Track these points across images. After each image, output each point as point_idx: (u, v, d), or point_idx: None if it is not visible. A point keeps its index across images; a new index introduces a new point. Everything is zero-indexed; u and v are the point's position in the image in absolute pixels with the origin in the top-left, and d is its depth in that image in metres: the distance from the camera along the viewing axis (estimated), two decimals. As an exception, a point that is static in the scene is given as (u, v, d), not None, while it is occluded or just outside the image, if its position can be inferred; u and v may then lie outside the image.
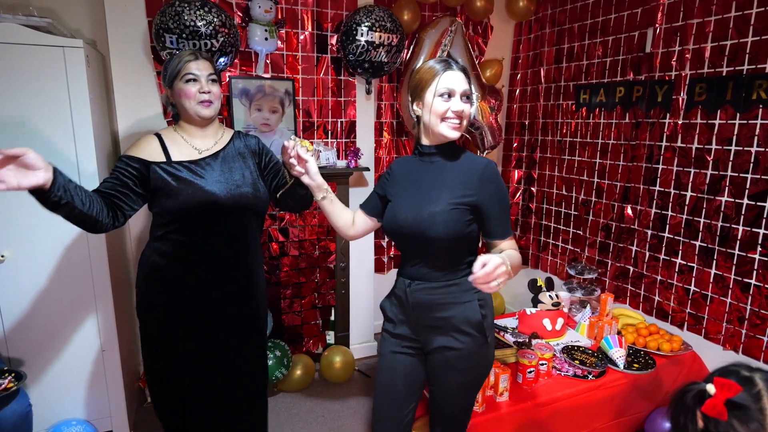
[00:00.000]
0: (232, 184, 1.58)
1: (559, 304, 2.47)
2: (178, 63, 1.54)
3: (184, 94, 1.53)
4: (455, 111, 1.34)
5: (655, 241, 2.41)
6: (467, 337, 1.39)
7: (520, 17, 3.07)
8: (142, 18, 2.20)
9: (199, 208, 1.52)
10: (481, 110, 2.84)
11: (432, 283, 1.40)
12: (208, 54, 1.62)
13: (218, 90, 1.59)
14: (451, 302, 1.39)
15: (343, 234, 1.58)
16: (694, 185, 2.21)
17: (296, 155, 1.44)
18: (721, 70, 2.07)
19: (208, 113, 1.56)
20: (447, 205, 1.34)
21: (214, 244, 1.58)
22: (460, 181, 1.36)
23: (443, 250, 1.38)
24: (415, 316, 1.43)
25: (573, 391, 1.92)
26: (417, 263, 1.42)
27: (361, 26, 2.41)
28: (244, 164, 1.65)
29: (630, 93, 2.47)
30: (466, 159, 1.41)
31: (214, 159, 1.60)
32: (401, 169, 1.50)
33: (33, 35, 1.82)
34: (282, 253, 2.71)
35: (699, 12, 2.14)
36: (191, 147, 1.60)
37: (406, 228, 1.38)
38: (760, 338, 2.01)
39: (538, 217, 3.17)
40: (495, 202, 1.36)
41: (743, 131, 2.01)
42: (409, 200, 1.41)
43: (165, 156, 1.55)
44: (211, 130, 1.65)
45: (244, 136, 1.72)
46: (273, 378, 2.50)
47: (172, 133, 1.62)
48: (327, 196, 1.51)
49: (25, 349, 1.96)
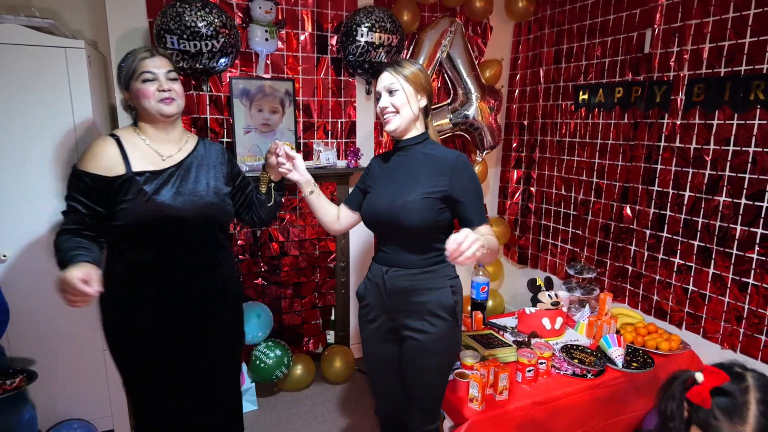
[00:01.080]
0: (195, 195, 1.48)
1: (558, 303, 2.48)
2: (133, 61, 1.42)
3: (142, 93, 1.41)
4: (380, 108, 1.50)
5: (653, 240, 2.42)
6: (440, 320, 1.48)
7: (519, 18, 3.08)
8: (143, 19, 2.21)
9: (159, 223, 1.41)
10: (480, 110, 2.85)
11: (408, 269, 1.49)
12: (166, 50, 1.52)
13: (180, 88, 1.47)
14: (425, 288, 1.48)
15: (329, 228, 1.67)
16: (693, 185, 2.22)
17: (284, 154, 1.54)
18: (719, 71, 2.08)
19: (171, 110, 1.45)
20: (420, 195, 1.43)
21: (177, 259, 1.47)
22: (432, 172, 1.46)
23: (417, 237, 1.47)
24: (391, 301, 1.52)
25: (572, 389, 1.93)
26: (393, 250, 1.51)
27: (361, 27, 2.41)
28: (209, 173, 1.55)
29: (629, 93, 2.48)
30: (437, 152, 1.51)
31: (176, 169, 1.48)
32: (378, 164, 1.62)
33: (35, 36, 1.83)
34: (282, 252, 2.72)
35: (697, 13, 2.15)
36: (154, 152, 1.47)
37: (381, 216, 1.49)
38: (758, 337, 2.02)
39: (537, 217, 3.18)
40: (468, 191, 1.46)
41: (741, 131, 2.03)
42: (385, 190, 1.52)
43: (125, 164, 1.42)
44: (176, 134, 1.53)
45: (209, 144, 1.62)
46: (273, 377, 2.51)
47: (132, 136, 1.48)
48: (315, 191, 1.60)
49: (27, 349, 1.97)
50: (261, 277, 2.71)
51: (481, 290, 2.46)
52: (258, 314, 2.48)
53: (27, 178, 1.88)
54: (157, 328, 1.48)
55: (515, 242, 3.35)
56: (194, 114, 2.39)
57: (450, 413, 1.86)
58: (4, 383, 1.57)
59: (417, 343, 1.50)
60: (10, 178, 1.86)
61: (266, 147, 2.53)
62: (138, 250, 1.44)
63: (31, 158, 1.87)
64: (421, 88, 1.50)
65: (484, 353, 2.04)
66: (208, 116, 2.42)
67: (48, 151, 1.90)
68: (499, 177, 3.40)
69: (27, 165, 1.87)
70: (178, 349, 1.52)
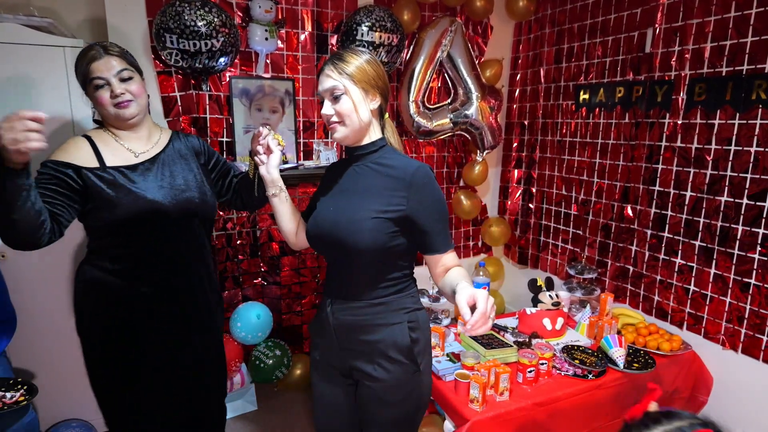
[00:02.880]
0: (176, 189, 1.44)
1: (558, 303, 2.47)
2: (82, 66, 1.36)
3: (97, 101, 1.38)
4: (323, 116, 1.26)
5: (654, 240, 2.41)
6: (395, 365, 1.23)
7: (519, 17, 3.07)
8: (142, 18, 2.20)
9: (140, 218, 1.37)
10: (480, 110, 2.85)
11: (355, 302, 1.25)
12: (117, 46, 1.42)
13: (136, 86, 1.39)
14: (377, 324, 1.24)
15: (288, 240, 1.46)
16: (694, 185, 2.22)
17: (266, 144, 1.36)
18: (721, 70, 2.08)
19: (129, 113, 1.39)
20: (369, 213, 1.19)
21: (159, 256, 1.44)
22: (386, 187, 1.22)
23: (366, 263, 1.23)
24: (338, 340, 1.29)
25: (573, 390, 1.93)
26: (339, 278, 1.28)
27: (361, 26, 2.41)
28: (187, 167, 1.51)
29: (630, 93, 2.48)
30: (395, 162, 1.25)
31: (152, 163, 1.45)
32: (331, 173, 1.40)
33: (34, 35, 1.82)
34: (282, 252, 2.71)
35: (699, 12, 2.14)
36: (126, 150, 1.44)
37: (325, 236, 1.26)
38: (759, 337, 2.02)
39: (537, 217, 3.17)
40: (429, 212, 1.21)
41: (743, 131, 2.02)
42: (331, 204, 1.29)
43: (98, 161, 1.38)
44: (144, 130, 1.48)
45: (184, 136, 1.58)
46: (273, 377, 2.50)
47: (103, 135, 1.44)
48: (279, 195, 1.39)
49: (26, 348, 1.96)
50: (261, 277, 2.71)
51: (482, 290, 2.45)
52: (258, 314, 2.47)
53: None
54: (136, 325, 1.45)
55: (516, 242, 3.34)
56: (194, 114, 2.38)
57: (451, 414, 1.86)
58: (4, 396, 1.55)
59: (368, 390, 1.27)
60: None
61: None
62: (117, 247, 1.41)
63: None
64: (373, 87, 1.23)
65: (485, 354, 2.03)
66: (208, 116, 2.41)
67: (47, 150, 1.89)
68: (499, 177, 3.39)
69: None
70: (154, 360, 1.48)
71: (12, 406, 1.51)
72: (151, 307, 1.46)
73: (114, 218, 1.35)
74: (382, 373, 1.24)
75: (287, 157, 2.55)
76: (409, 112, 2.77)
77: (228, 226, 2.55)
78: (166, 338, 1.50)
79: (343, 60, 1.21)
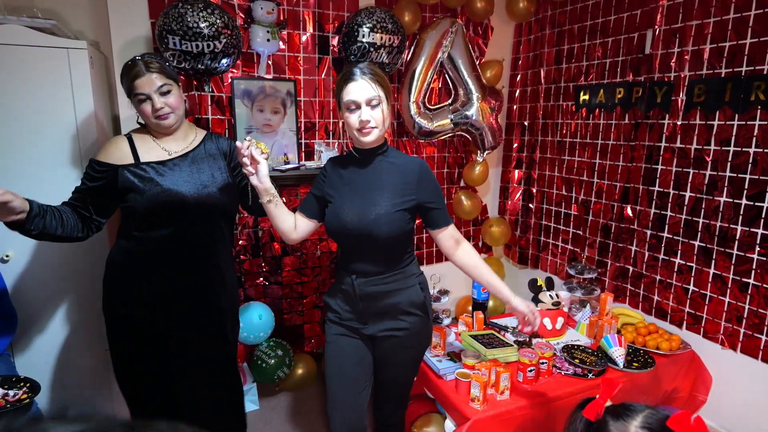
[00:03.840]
0: (200, 184, 1.58)
1: (559, 303, 2.49)
2: (127, 80, 1.52)
3: (141, 113, 1.56)
4: (362, 121, 1.41)
5: (654, 241, 2.43)
6: (413, 317, 1.55)
7: (520, 18, 3.08)
8: (145, 19, 2.21)
9: (164, 207, 1.53)
10: (481, 111, 2.86)
11: (380, 276, 1.51)
12: (157, 60, 1.54)
13: (175, 99, 1.56)
14: (396, 289, 1.52)
15: (287, 237, 1.58)
16: (693, 185, 2.23)
17: (249, 155, 1.42)
18: (720, 72, 2.09)
19: (169, 123, 1.56)
20: (391, 208, 1.44)
21: (179, 244, 1.59)
22: (398, 182, 1.47)
23: (386, 247, 1.49)
24: (363, 306, 1.53)
25: (573, 389, 1.94)
26: (361, 259, 1.50)
27: (362, 27, 2.42)
28: (214, 165, 1.65)
29: (629, 94, 2.49)
30: (399, 159, 1.52)
31: (182, 159, 1.61)
32: (336, 170, 1.56)
33: (37, 37, 1.83)
34: (284, 252, 2.73)
35: (698, 14, 2.15)
36: (161, 149, 1.61)
37: (351, 230, 1.46)
38: (758, 337, 2.03)
39: (537, 217, 3.19)
40: (434, 197, 1.51)
41: (742, 132, 2.03)
42: (351, 202, 1.48)
43: (134, 157, 1.56)
44: (181, 132, 1.65)
45: (216, 138, 1.72)
46: (275, 377, 2.51)
47: (143, 135, 1.62)
48: (273, 201, 1.50)
49: (30, 349, 1.97)
50: (262, 277, 2.72)
51: (482, 290, 2.46)
52: (260, 314, 2.48)
53: (30, 178, 1.88)
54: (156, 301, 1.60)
55: (516, 242, 3.35)
56: (196, 114, 2.39)
57: (452, 413, 1.87)
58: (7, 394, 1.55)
59: (394, 340, 1.55)
60: (12, 177, 1.86)
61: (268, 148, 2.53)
62: (145, 230, 1.56)
63: (33, 158, 1.88)
64: (390, 95, 1.48)
65: (486, 353, 2.04)
66: (210, 117, 2.42)
67: (50, 151, 1.91)
68: (499, 177, 3.41)
69: (30, 165, 1.88)
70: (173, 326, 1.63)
71: (15, 403, 1.52)
72: (164, 293, 1.60)
73: (141, 205, 1.52)
74: (404, 324, 1.54)
75: (289, 157, 2.56)
76: (409, 113, 2.78)
77: (230, 226, 2.56)
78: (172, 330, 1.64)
79: (377, 74, 1.43)
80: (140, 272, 1.59)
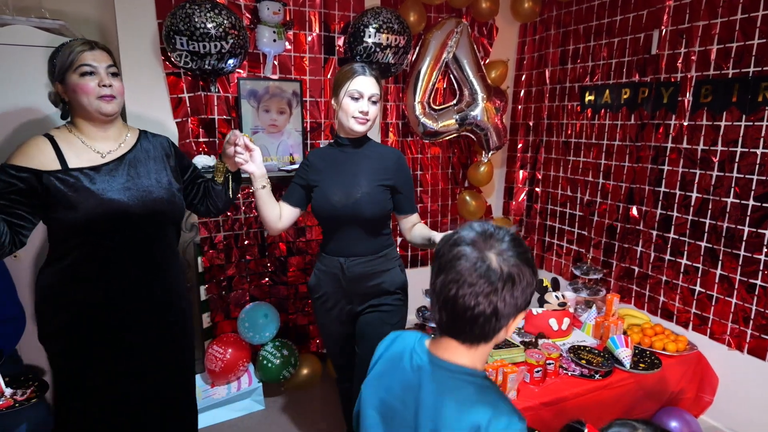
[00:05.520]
0: (143, 190, 1.40)
1: (564, 304, 2.48)
2: (70, 53, 1.31)
3: (81, 89, 1.32)
4: (361, 111, 1.56)
5: (660, 241, 2.42)
6: (395, 296, 1.71)
7: (525, 18, 3.08)
8: (152, 20, 2.22)
9: (104, 220, 1.33)
10: (486, 111, 2.86)
11: (366, 257, 1.65)
12: (105, 45, 1.41)
13: (120, 85, 1.38)
14: (380, 270, 1.68)
15: (272, 227, 1.66)
16: (700, 186, 2.23)
17: (243, 144, 1.52)
18: (727, 72, 2.09)
19: (110, 109, 1.36)
20: (373, 187, 1.60)
21: (124, 259, 1.40)
22: (378, 167, 1.63)
23: (372, 225, 1.63)
24: (350, 287, 1.67)
25: (580, 390, 1.94)
26: (348, 240, 1.64)
27: (368, 28, 2.42)
28: (155, 167, 1.47)
29: (635, 94, 2.49)
30: (377, 148, 1.69)
31: (119, 164, 1.40)
32: (319, 159, 1.69)
33: (45, 37, 1.84)
34: (289, 253, 2.73)
35: (705, 14, 2.15)
36: (92, 150, 1.39)
37: (339, 209, 1.59)
38: (765, 338, 2.03)
39: (542, 218, 3.19)
40: (407, 184, 1.69)
41: (749, 133, 2.03)
42: (337, 183, 1.62)
43: (60, 162, 1.32)
44: (114, 130, 1.43)
45: (153, 137, 1.53)
46: (280, 377, 2.51)
47: (67, 135, 1.38)
48: (267, 186, 1.59)
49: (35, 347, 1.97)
50: (268, 277, 2.72)
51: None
52: (265, 314, 2.49)
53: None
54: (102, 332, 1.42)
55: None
56: (202, 115, 2.40)
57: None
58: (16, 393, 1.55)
59: (375, 314, 1.69)
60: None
61: (273, 148, 2.54)
62: (82, 251, 1.36)
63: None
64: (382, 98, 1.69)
65: (492, 354, 2.04)
66: (216, 117, 2.42)
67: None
68: (504, 177, 3.41)
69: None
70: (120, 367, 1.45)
71: (24, 402, 1.52)
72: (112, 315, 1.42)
73: (75, 220, 1.31)
74: (388, 300, 1.70)
75: (294, 157, 2.57)
76: (414, 113, 2.78)
77: (236, 226, 2.56)
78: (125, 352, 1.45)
79: (378, 76, 1.61)
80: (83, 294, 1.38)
